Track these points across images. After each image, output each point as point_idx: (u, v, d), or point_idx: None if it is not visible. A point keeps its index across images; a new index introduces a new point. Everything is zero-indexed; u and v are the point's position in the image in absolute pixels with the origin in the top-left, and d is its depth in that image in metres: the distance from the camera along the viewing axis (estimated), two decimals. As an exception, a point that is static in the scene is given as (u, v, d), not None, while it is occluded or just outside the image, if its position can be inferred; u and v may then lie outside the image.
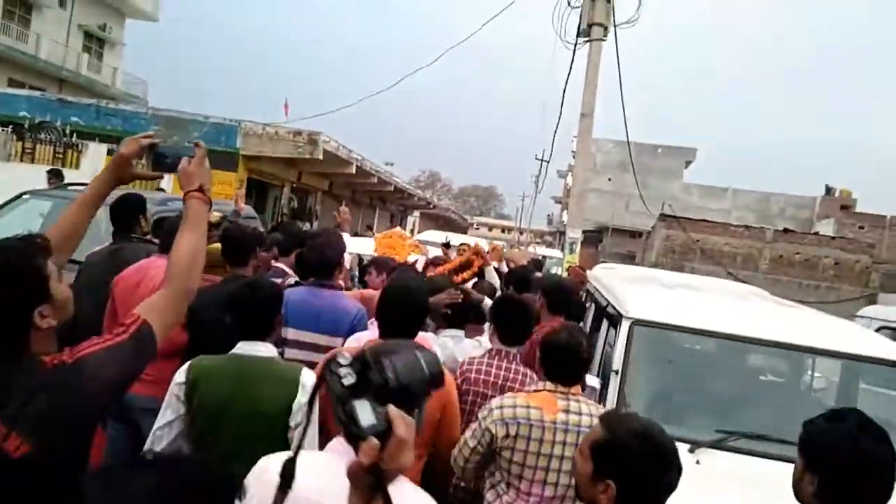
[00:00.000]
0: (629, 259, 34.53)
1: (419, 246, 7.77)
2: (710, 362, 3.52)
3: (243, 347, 2.42)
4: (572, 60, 11.20)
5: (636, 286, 4.08)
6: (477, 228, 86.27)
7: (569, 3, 9.94)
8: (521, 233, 75.25)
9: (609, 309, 3.88)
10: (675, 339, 3.38)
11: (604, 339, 3.93)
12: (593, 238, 35.20)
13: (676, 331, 3.35)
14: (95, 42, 31.79)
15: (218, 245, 4.61)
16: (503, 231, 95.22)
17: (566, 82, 12.26)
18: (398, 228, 8.17)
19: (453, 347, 3.54)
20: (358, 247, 7.63)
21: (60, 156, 12.91)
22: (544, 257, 12.52)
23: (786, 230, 25.37)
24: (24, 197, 5.94)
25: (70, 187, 6.31)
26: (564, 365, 2.64)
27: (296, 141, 15.44)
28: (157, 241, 4.35)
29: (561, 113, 13.76)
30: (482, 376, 3.12)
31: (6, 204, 5.93)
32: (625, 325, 3.39)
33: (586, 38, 9.80)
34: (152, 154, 2.05)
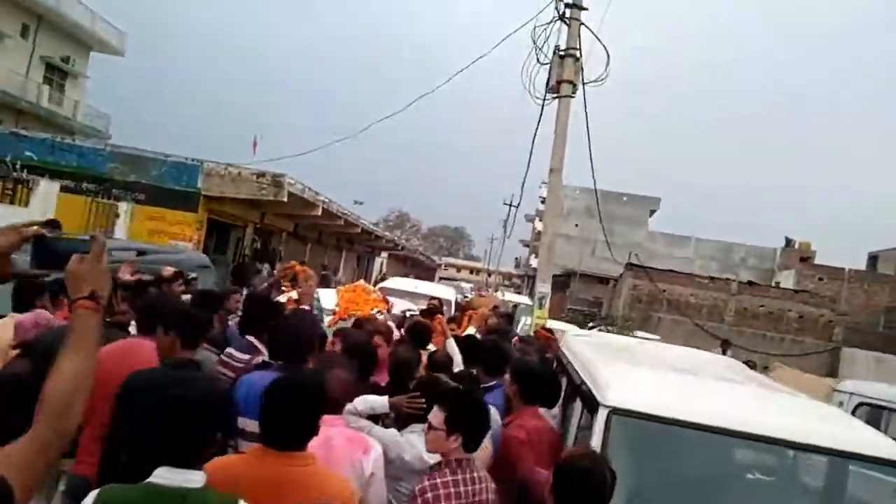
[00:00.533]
0: (596, 305, 34.54)
1: (384, 300, 7.38)
2: (695, 457, 3.21)
3: (163, 475, 1.83)
4: (541, 114, 11.13)
5: (613, 365, 3.77)
6: (445, 269, 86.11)
7: (538, 61, 9.92)
8: (489, 275, 75.29)
9: (583, 388, 3.56)
10: (658, 431, 3.07)
11: (577, 420, 3.59)
12: (561, 283, 35.21)
13: (659, 422, 3.04)
14: (58, 74, 31.14)
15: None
16: (471, 272, 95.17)
17: (535, 134, 12.20)
18: (361, 282, 7.79)
19: (420, 446, 3.12)
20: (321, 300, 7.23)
21: (10, 192, 12.31)
22: (515, 306, 12.19)
23: (750, 283, 25.68)
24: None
25: None
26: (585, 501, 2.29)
27: (260, 182, 15.06)
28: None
29: (529, 163, 13.67)
30: (452, 502, 2.66)
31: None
32: (602, 414, 3.07)
33: (555, 95, 9.75)
34: (36, 248, 1.67)
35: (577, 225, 44.26)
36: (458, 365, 4.56)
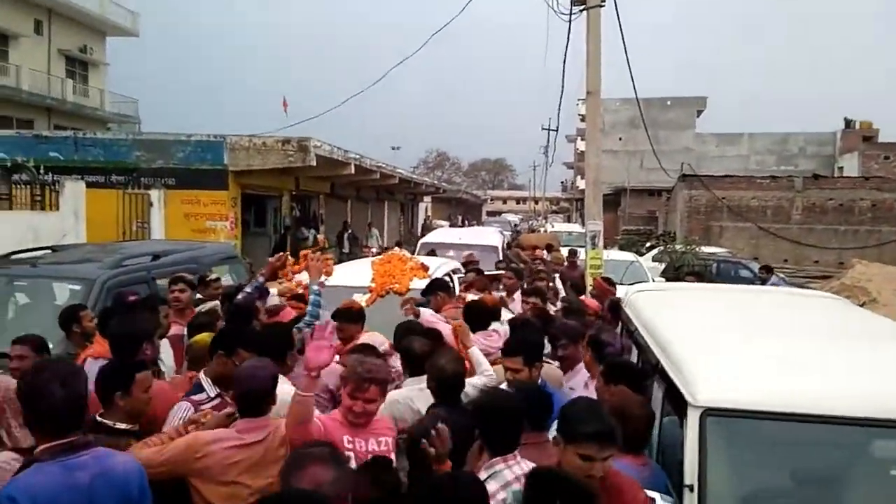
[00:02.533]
0: (651, 221, 33.28)
1: (422, 267, 6.73)
2: (824, 458, 2.52)
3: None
4: (569, 30, 10.07)
5: (696, 338, 3.05)
6: (491, 202, 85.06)
7: (559, -31, 8.86)
8: (536, 203, 73.88)
9: (663, 375, 2.92)
10: (773, 430, 2.41)
11: (659, 412, 2.96)
12: (611, 202, 33.99)
13: (774, 419, 2.38)
14: (78, 65, 30.95)
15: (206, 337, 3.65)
16: (518, 202, 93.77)
17: (565, 53, 11.16)
18: (396, 250, 7.18)
19: (419, 400, 3.31)
20: (351, 276, 6.69)
21: (39, 198, 12.12)
22: (572, 252, 11.35)
23: (816, 176, 24.02)
24: (-47, 278, 5.10)
25: (13, 256, 5.46)
26: None
27: (286, 150, 14.52)
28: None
29: (563, 86, 12.65)
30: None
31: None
32: (694, 417, 2.44)
33: (581, 7, 8.70)
34: None
35: (620, 138, 42.52)
36: (484, 371, 3.82)
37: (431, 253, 10.19)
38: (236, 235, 14.74)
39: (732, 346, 2.96)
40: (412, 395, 3.46)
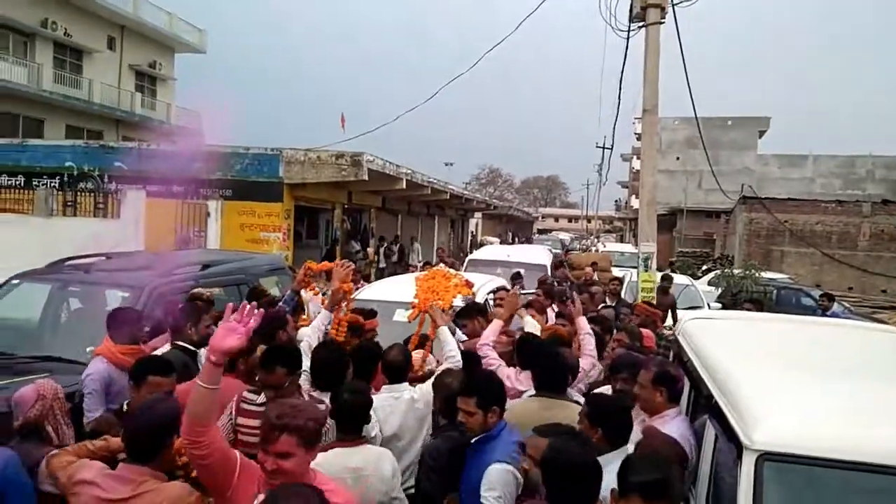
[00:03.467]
0: (708, 243, 32.34)
1: (467, 284, 6.58)
2: None
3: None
4: (626, 47, 9.92)
5: (754, 370, 2.84)
6: (543, 220, 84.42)
7: (617, -15, 8.71)
8: (588, 221, 72.94)
9: (716, 409, 2.72)
10: (842, 480, 2.21)
11: (712, 452, 2.77)
12: (666, 223, 33.20)
13: (836, 467, 2.17)
14: (147, 80, 32.31)
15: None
16: (570, 220, 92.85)
17: (622, 70, 10.98)
18: (441, 266, 7.08)
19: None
20: (394, 292, 6.65)
21: (102, 206, 12.61)
22: (666, 277, 11.04)
23: (885, 202, 22.87)
24: (14, 282, 5.27)
25: (67, 262, 5.61)
26: None
27: (339, 164, 14.70)
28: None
29: (619, 104, 12.47)
30: None
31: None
32: (749, 461, 2.25)
33: (641, 23, 8.52)
34: None
35: (678, 158, 41.61)
36: (448, 355, 3.91)
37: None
38: (288, 247, 14.97)
39: (795, 384, 2.73)
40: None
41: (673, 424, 3.13)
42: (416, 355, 4.58)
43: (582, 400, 3.54)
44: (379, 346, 4.24)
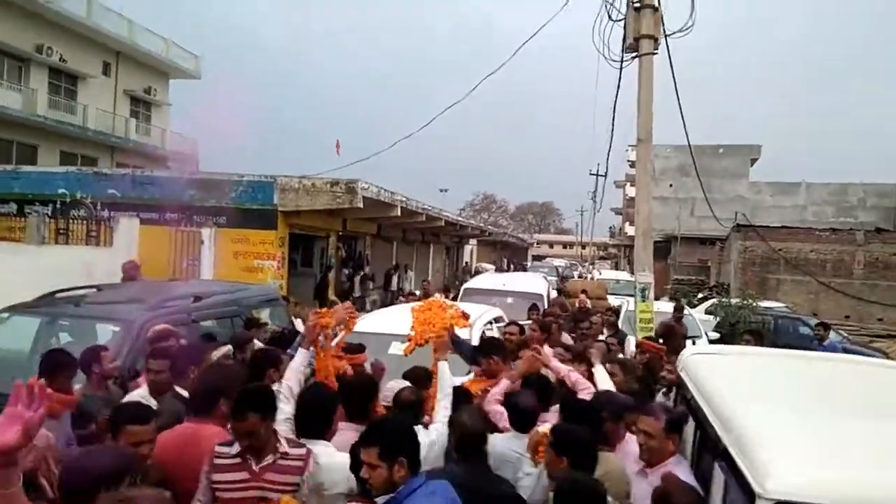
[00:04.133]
0: (703, 271, 32.37)
1: (463, 315, 6.48)
2: None
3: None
4: (619, 77, 9.95)
5: (763, 410, 2.75)
6: (537, 246, 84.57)
7: (609, 17, 8.74)
8: (583, 247, 73.05)
9: (726, 454, 2.63)
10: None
11: (721, 496, 2.67)
12: (661, 249, 33.25)
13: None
14: (142, 105, 32.40)
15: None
16: (564, 247, 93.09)
17: (615, 100, 11.02)
18: (437, 296, 6.99)
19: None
20: (390, 324, 6.54)
21: (94, 234, 12.48)
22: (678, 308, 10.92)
23: (878, 230, 23.00)
24: (3, 315, 5.15)
25: (57, 295, 5.50)
26: None
27: (334, 191, 14.66)
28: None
29: (613, 132, 12.50)
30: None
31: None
32: (762, 513, 2.16)
33: (634, 54, 8.57)
34: None
35: (671, 185, 41.85)
36: (441, 410, 3.78)
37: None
38: (283, 275, 14.85)
39: (808, 427, 2.64)
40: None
41: (679, 473, 3.01)
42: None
43: None
44: (374, 380, 4.09)
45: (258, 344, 4.98)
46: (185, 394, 3.73)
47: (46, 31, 25.50)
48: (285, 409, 3.32)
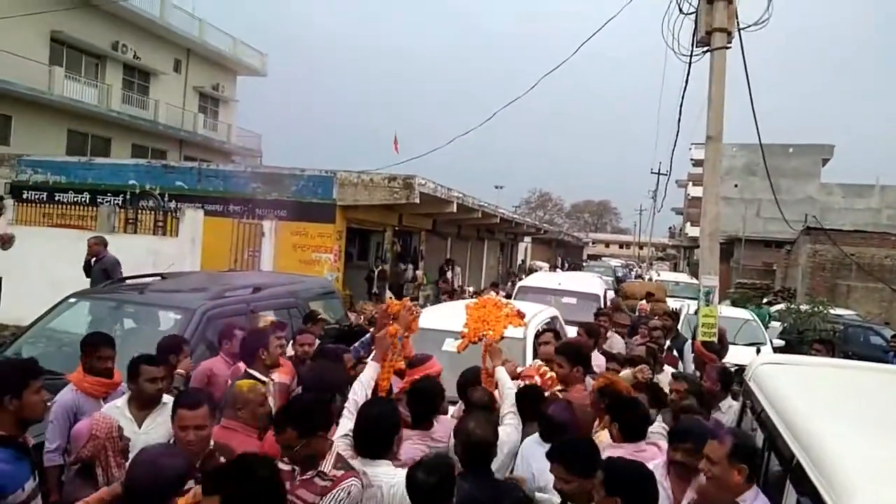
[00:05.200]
0: (768, 274, 31.17)
1: (518, 314, 6.34)
2: None
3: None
4: (688, 72, 9.59)
5: (845, 429, 2.56)
6: (593, 245, 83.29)
7: (680, 10, 8.42)
8: (640, 248, 71.50)
9: (800, 470, 2.46)
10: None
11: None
12: (724, 251, 32.18)
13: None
14: (210, 101, 33.45)
15: (246, 385, 3.62)
16: (621, 247, 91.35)
17: (682, 95, 10.65)
18: (492, 294, 6.90)
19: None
20: (445, 320, 6.46)
21: (161, 224, 12.94)
22: (674, 310, 10.56)
23: (961, 235, 21.61)
24: (70, 300, 5.35)
25: (122, 282, 5.68)
26: None
27: (391, 187, 14.75)
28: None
29: (679, 129, 12.11)
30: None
31: (54, 308, 5.38)
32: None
33: (705, 48, 8.24)
34: None
35: (736, 185, 40.45)
36: (506, 415, 3.66)
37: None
38: (339, 268, 15.04)
39: (892, 447, 2.45)
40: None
41: None
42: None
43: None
44: (441, 387, 3.90)
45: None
46: (260, 377, 3.97)
47: (122, 30, 26.59)
48: (347, 426, 3.19)
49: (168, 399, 3.44)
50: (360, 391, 3.42)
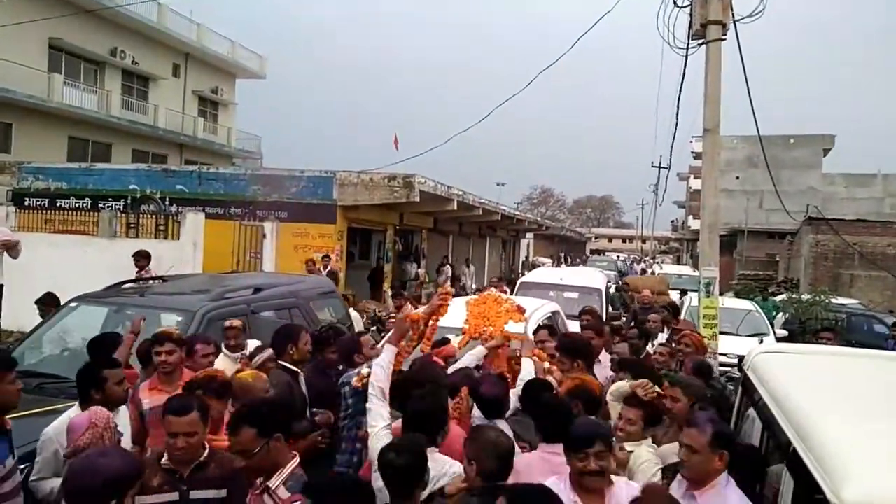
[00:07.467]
0: (771, 266, 31.09)
1: (519, 310, 6.35)
2: None
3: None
4: (685, 65, 9.60)
5: (840, 414, 2.57)
6: (596, 241, 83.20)
7: (675, 3, 8.43)
8: (643, 242, 71.44)
9: (797, 459, 2.47)
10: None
11: (790, 499, 2.51)
12: (726, 243, 32.11)
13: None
14: (209, 105, 33.49)
15: (250, 376, 3.68)
16: (624, 241, 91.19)
17: (680, 89, 10.67)
18: (492, 290, 6.89)
19: None
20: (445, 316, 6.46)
21: (163, 227, 12.98)
22: (680, 296, 10.55)
23: (965, 222, 21.55)
24: (72, 305, 5.38)
25: (123, 286, 5.71)
26: None
27: (391, 185, 14.78)
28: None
29: (677, 123, 12.12)
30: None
31: (56, 312, 5.41)
32: (839, 523, 2.01)
33: (701, 41, 8.24)
34: None
35: (737, 177, 40.31)
36: None
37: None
38: (341, 268, 15.06)
39: (889, 432, 2.46)
40: None
41: (729, 497, 2.73)
42: None
43: None
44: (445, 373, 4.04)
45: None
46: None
47: (120, 36, 26.63)
48: (383, 413, 3.14)
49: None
50: (382, 375, 3.34)
